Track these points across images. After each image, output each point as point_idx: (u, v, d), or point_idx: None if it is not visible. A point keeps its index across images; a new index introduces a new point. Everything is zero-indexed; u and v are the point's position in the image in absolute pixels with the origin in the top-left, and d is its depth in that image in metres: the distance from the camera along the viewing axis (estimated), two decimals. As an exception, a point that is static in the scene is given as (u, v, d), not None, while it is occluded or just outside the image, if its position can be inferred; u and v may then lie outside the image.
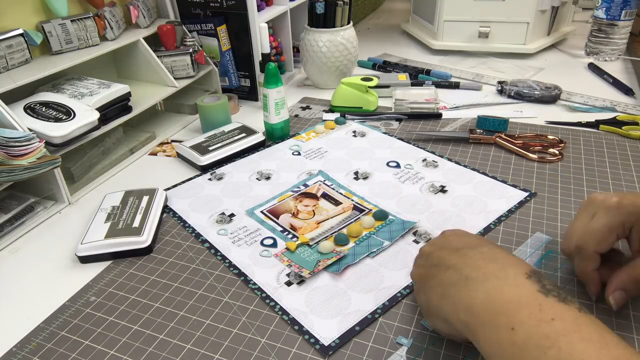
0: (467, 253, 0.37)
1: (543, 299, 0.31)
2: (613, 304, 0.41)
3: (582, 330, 0.28)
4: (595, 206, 0.43)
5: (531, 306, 0.30)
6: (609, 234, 0.41)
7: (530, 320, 0.30)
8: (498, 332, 0.30)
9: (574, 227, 0.44)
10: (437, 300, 0.36)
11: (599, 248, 0.42)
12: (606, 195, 0.43)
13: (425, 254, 0.41)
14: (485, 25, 1.10)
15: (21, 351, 0.43)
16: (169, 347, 0.43)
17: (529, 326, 0.29)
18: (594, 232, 0.42)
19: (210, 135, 0.76)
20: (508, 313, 0.31)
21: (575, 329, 0.28)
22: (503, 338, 0.30)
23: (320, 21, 0.92)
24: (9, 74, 0.63)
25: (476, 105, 0.88)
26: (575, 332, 0.28)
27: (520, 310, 0.30)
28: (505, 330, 0.30)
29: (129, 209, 0.58)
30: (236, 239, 0.56)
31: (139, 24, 0.82)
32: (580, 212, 0.45)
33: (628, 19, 1.03)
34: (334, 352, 0.41)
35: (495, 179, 0.64)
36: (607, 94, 0.90)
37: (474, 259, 0.36)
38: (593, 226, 0.42)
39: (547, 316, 0.29)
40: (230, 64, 0.92)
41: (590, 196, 0.45)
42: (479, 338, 0.32)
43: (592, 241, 0.42)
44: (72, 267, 0.54)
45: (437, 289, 0.37)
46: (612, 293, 0.41)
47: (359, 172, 0.68)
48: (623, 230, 0.42)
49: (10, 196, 0.63)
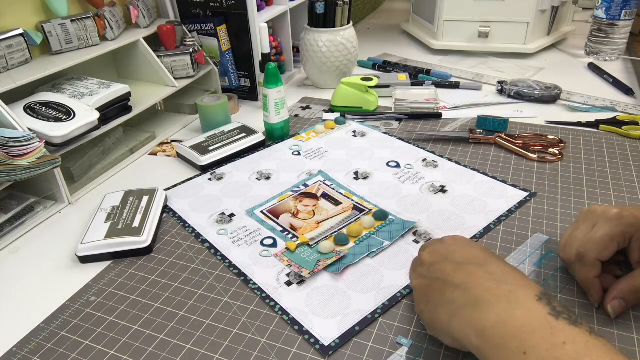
0: (475, 272, 0.37)
1: (554, 322, 0.31)
2: (611, 312, 0.42)
3: (593, 355, 0.29)
4: (596, 217, 0.44)
5: (542, 330, 0.30)
6: (611, 242, 0.42)
7: (543, 345, 0.30)
8: (510, 357, 0.31)
9: (574, 236, 0.45)
10: (446, 319, 0.36)
11: (601, 256, 0.43)
12: (606, 206, 0.45)
13: (427, 263, 0.41)
14: (485, 25, 1.10)
15: (21, 351, 0.43)
16: (169, 347, 0.43)
17: (541, 350, 0.30)
18: (595, 241, 0.43)
19: (210, 135, 0.76)
20: (520, 337, 0.31)
21: (586, 353, 0.29)
22: None
23: (320, 21, 0.92)
24: (9, 74, 0.63)
25: (476, 105, 0.88)
26: (587, 356, 0.28)
27: (532, 334, 0.30)
28: (517, 355, 0.30)
29: (129, 209, 0.58)
30: (236, 239, 0.56)
31: (139, 24, 0.82)
32: (580, 222, 0.46)
33: (628, 18, 1.03)
34: (334, 352, 0.41)
35: (495, 179, 0.64)
36: (607, 94, 0.90)
37: (483, 279, 0.36)
38: (595, 235, 0.43)
39: (559, 340, 0.30)
40: (230, 64, 0.92)
41: (590, 207, 0.46)
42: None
43: (594, 249, 0.43)
44: (72, 267, 0.54)
45: (446, 307, 0.36)
46: (611, 301, 0.43)
47: (359, 172, 0.68)
48: (624, 239, 0.43)
49: (10, 196, 0.63)
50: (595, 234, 0.43)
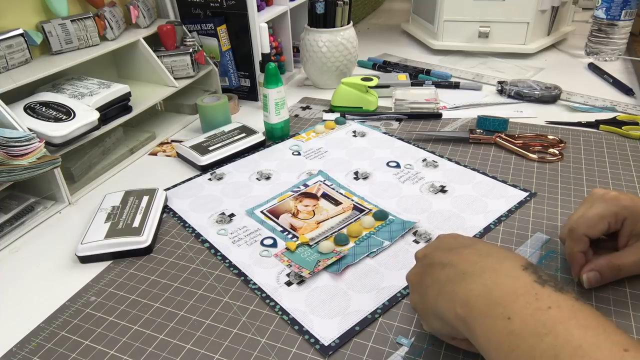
0: (462, 251, 0.37)
1: (539, 288, 0.31)
2: (586, 282, 0.45)
3: (579, 318, 0.28)
4: (595, 198, 0.46)
5: (527, 296, 0.30)
6: (600, 220, 0.44)
7: (527, 309, 0.30)
8: (495, 323, 0.30)
9: (572, 216, 0.47)
10: (433, 298, 0.36)
11: (589, 232, 0.45)
12: (607, 190, 0.47)
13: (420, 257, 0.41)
14: (485, 25, 1.10)
15: (21, 351, 0.43)
16: (169, 347, 0.43)
17: (525, 315, 0.29)
18: (586, 218, 0.45)
19: (210, 135, 0.76)
20: (505, 304, 0.31)
21: (572, 316, 0.29)
22: (500, 328, 0.30)
23: (320, 21, 0.92)
24: (9, 74, 0.63)
25: (476, 105, 0.88)
26: (572, 319, 0.28)
27: (516, 300, 0.30)
28: (501, 320, 0.30)
29: (129, 209, 0.58)
30: (236, 239, 0.56)
31: (139, 24, 0.82)
32: (581, 205, 0.48)
33: (628, 19, 1.03)
34: (334, 352, 0.41)
35: (495, 179, 0.64)
36: (607, 94, 0.90)
37: (469, 255, 0.36)
38: (588, 213, 0.45)
39: (544, 305, 0.29)
40: (230, 64, 0.92)
41: (592, 190, 0.48)
42: (475, 330, 0.32)
43: (583, 225, 0.45)
44: (72, 267, 0.54)
45: (433, 287, 0.36)
46: (587, 272, 0.45)
47: (359, 172, 0.68)
48: (615, 221, 0.44)
49: (10, 196, 0.63)
50: (588, 212, 0.45)
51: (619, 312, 0.43)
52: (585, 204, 0.47)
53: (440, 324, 0.37)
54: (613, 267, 0.44)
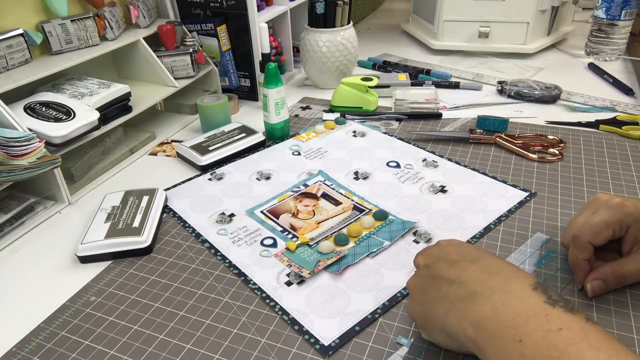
0: (469, 267, 0.36)
1: (550, 309, 0.31)
2: (590, 291, 0.44)
3: (591, 339, 0.28)
4: (599, 204, 0.46)
5: (538, 317, 0.30)
6: (605, 228, 0.44)
7: (538, 332, 0.30)
8: (506, 345, 0.30)
9: (575, 221, 0.47)
10: (442, 315, 0.36)
11: (593, 240, 0.44)
12: (611, 195, 0.46)
13: (422, 265, 0.41)
14: (485, 25, 1.10)
15: (21, 351, 0.43)
16: (169, 347, 0.43)
17: (537, 337, 0.29)
18: (591, 225, 0.44)
19: (210, 135, 0.76)
20: (515, 326, 0.30)
21: (583, 337, 0.28)
22: (511, 350, 0.30)
23: (320, 21, 0.92)
24: (9, 74, 0.63)
25: (476, 105, 0.88)
26: (584, 341, 0.28)
27: (527, 322, 0.30)
28: (513, 343, 0.30)
29: (129, 209, 0.58)
30: (236, 239, 0.56)
31: (139, 24, 0.82)
32: (584, 209, 0.47)
33: (628, 18, 1.03)
34: (334, 352, 0.41)
35: (495, 179, 0.64)
36: (607, 94, 0.90)
37: (477, 273, 0.35)
38: (592, 220, 0.45)
39: (555, 326, 0.29)
40: (230, 64, 0.92)
41: (596, 195, 0.47)
42: (486, 352, 0.32)
43: (588, 232, 0.44)
44: (72, 267, 0.54)
45: (442, 302, 0.36)
46: (591, 281, 0.44)
47: (359, 172, 0.68)
48: (620, 228, 0.44)
49: (10, 196, 0.63)
50: (593, 219, 0.45)
51: (619, 312, 0.43)
52: (588, 209, 0.46)
53: (447, 339, 0.36)
54: (617, 276, 0.44)
